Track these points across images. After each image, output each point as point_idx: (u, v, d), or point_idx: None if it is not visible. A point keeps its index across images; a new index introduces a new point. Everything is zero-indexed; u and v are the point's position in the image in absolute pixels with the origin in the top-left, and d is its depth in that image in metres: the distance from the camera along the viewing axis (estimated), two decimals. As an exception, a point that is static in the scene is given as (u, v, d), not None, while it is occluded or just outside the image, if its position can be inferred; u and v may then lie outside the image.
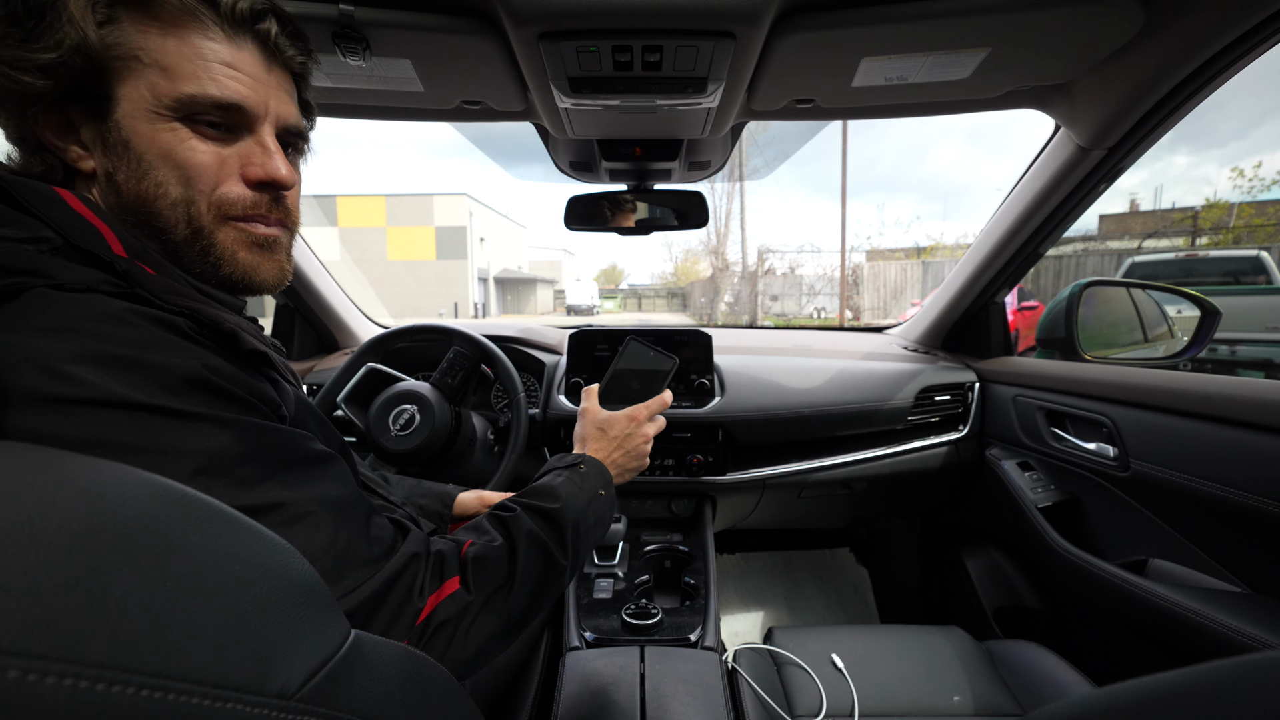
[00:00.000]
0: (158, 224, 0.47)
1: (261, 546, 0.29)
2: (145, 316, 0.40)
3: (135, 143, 0.45)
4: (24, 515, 0.20)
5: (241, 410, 0.43)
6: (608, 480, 0.71)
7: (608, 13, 0.65)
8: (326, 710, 0.27)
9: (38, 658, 0.18)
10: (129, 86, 0.44)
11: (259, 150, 0.49)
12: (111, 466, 0.25)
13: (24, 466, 0.22)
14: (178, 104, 0.44)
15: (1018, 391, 1.32)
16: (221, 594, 0.25)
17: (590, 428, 0.77)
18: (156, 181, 0.45)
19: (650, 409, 0.78)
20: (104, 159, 0.45)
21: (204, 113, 0.46)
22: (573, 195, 1.26)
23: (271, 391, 0.47)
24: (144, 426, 0.38)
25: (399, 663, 0.35)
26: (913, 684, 0.94)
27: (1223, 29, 0.71)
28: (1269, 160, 36.08)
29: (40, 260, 0.39)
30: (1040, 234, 1.18)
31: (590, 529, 0.65)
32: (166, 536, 0.24)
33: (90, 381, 0.37)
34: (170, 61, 0.44)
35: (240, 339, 0.46)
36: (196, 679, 0.22)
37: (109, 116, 0.44)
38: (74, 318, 0.38)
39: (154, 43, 0.44)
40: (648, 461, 0.78)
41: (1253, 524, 0.84)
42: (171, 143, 0.45)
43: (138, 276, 0.42)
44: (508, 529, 0.58)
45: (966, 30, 0.70)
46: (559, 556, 0.59)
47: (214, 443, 0.40)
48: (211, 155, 0.47)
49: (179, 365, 0.40)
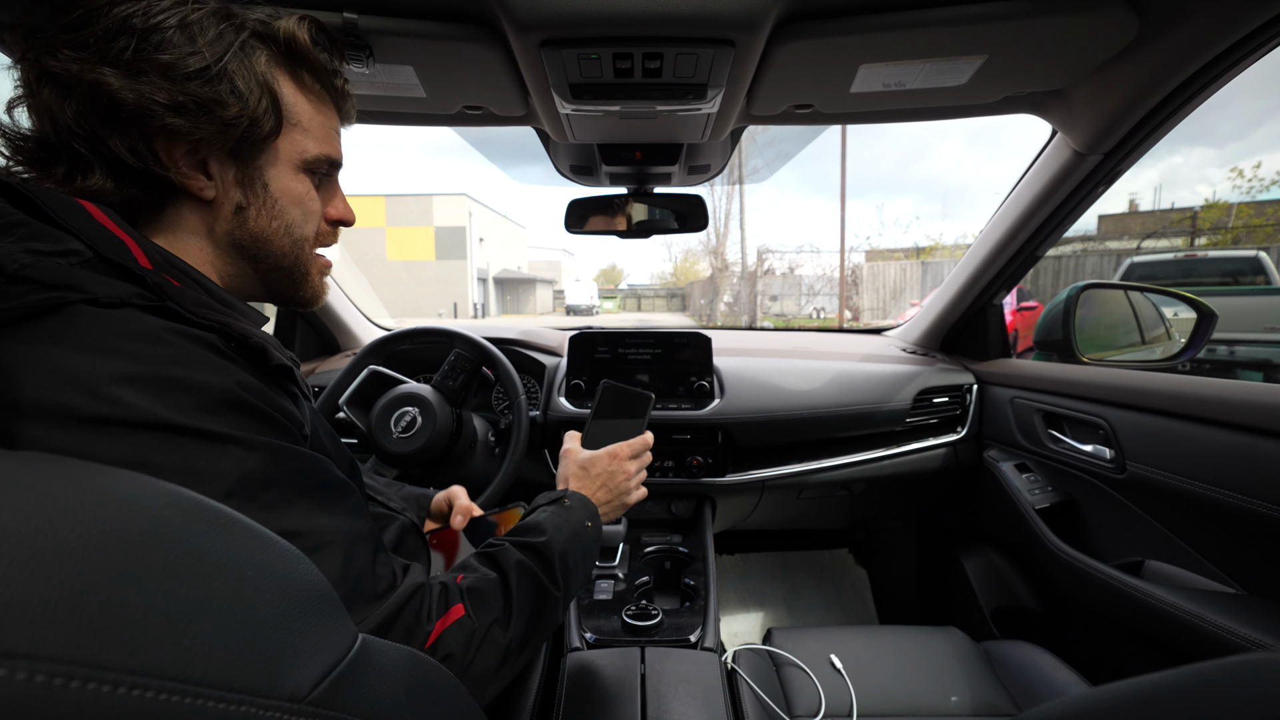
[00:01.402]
0: (270, 251, 0.53)
1: (272, 553, 0.29)
2: (180, 334, 0.42)
3: (274, 187, 0.52)
4: (46, 523, 0.21)
5: (271, 431, 0.44)
6: (593, 513, 0.71)
7: (609, 21, 0.66)
8: (336, 713, 0.28)
9: (62, 662, 0.18)
10: (284, 141, 0.51)
11: (339, 196, 0.59)
12: (127, 475, 0.26)
13: (43, 476, 0.23)
14: (315, 161, 0.54)
15: (1016, 393, 1.32)
16: (235, 600, 0.25)
17: (572, 467, 0.77)
18: (288, 221, 0.53)
19: (632, 447, 0.79)
20: (239, 194, 0.50)
21: (322, 169, 0.55)
22: (573, 198, 1.27)
23: (295, 409, 0.49)
24: (179, 448, 0.39)
25: (405, 666, 0.36)
26: (911, 684, 0.95)
27: (1217, 36, 0.71)
28: (1268, 160, 36.14)
29: (74, 274, 0.39)
30: (1038, 237, 1.19)
31: (579, 561, 0.66)
32: (181, 543, 0.25)
33: (129, 403, 0.38)
34: (314, 127, 0.53)
35: (269, 354, 0.47)
36: (212, 683, 0.22)
37: (254, 160, 0.50)
38: (112, 336, 0.39)
39: (302, 107, 0.52)
40: (633, 499, 0.79)
41: (1247, 526, 0.84)
42: (301, 192, 0.54)
43: (166, 289, 0.43)
44: (497, 563, 0.59)
45: (963, 38, 0.71)
46: (551, 587, 0.60)
47: (245, 465, 0.41)
48: (319, 203, 0.56)
49: (214, 385, 0.41)
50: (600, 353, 1.34)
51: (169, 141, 0.46)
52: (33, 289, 0.37)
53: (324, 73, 0.54)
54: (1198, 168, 77.14)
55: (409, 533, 0.72)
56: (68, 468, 0.24)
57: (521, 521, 0.67)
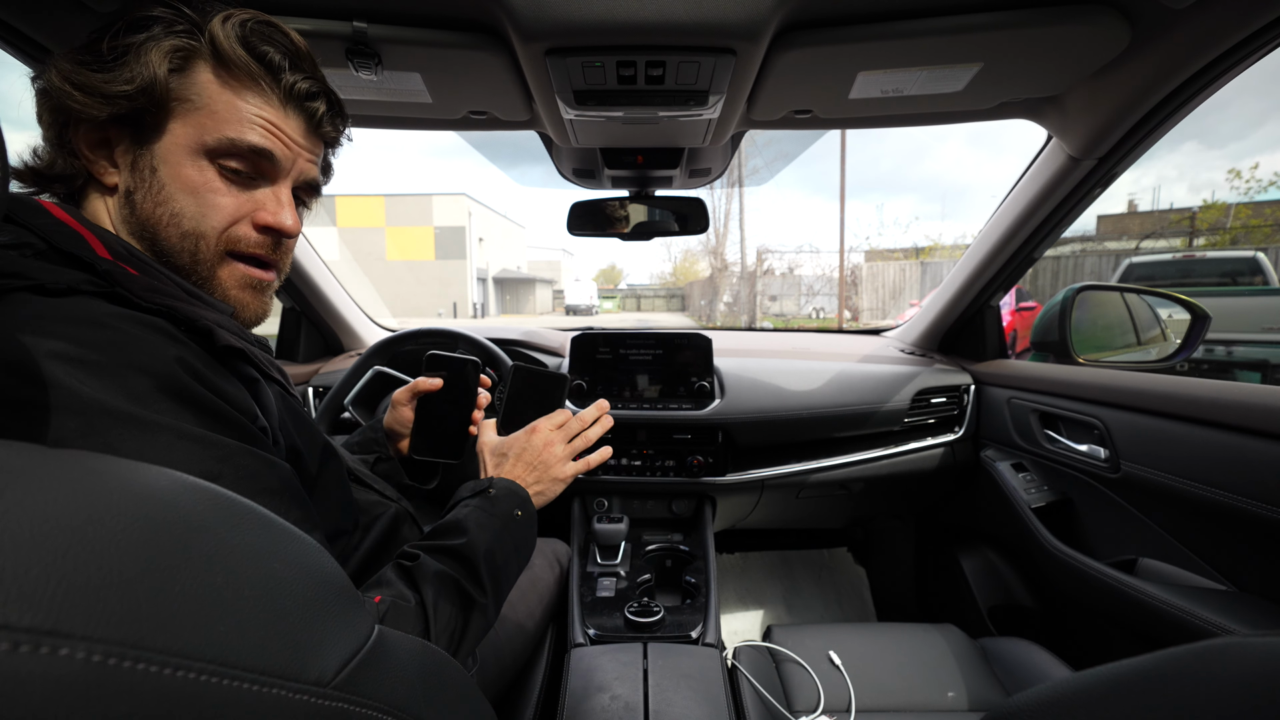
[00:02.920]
0: (162, 245, 0.50)
1: (296, 546, 0.31)
2: (124, 318, 0.42)
3: (163, 172, 0.49)
4: (92, 516, 0.22)
5: (209, 423, 0.43)
6: (523, 499, 0.68)
7: (613, 30, 0.68)
8: (357, 698, 0.29)
9: (115, 644, 0.20)
10: (178, 123, 0.49)
11: (273, 200, 0.54)
12: (160, 471, 0.27)
13: (86, 472, 0.24)
14: (217, 145, 0.49)
15: (1012, 394, 1.34)
16: (264, 589, 0.27)
17: (489, 456, 0.74)
18: (173, 211, 0.49)
19: (552, 420, 0.75)
20: (129, 178, 0.49)
21: (235, 158, 0.50)
22: (575, 201, 1.28)
23: (246, 397, 0.48)
24: (103, 434, 0.38)
25: (418, 655, 0.38)
26: (908, 680, 0.96)
27: (1208, 45, 0.73)
28: (1266, 161, 36.10)
29: (22, 264, 0.40)
30: (1034, 240, 1.21)
31: (510, 556, 0.62)
32: (214, 536, 0.26)
33: (59, 383, 0.37)
34: (221, 110, 0.49)
35: (215, 335, 0.47)
36: (246, 666, 0.24)
37: (148, 144, 0.49)
38: (51, 320, 0.39)
39: (213, 92, 0.49)
40: (565, 473, 0.74)
41: (1238, 524, 0.86)
42: (197, 179, 0.49)
43: (119, 277, 0.44)
44: (413, 579, 0.55)
45: (959, 46, 0.73)
46: (475, 594, 0.57)
47: (170, 455, 0.40)
48: (230, 198, 0.51)
49: (150, 369, 0.41)
50: (601, 353, 1.36)
51: (77, 125, 0.48)
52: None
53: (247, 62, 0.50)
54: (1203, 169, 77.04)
55: (403, 521, 0.71)
56: (103, 463, 0.25)
57: (441, 521, 0.63)
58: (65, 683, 0.18)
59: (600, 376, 1.35)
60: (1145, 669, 0.24)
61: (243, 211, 0.52)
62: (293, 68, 0.53)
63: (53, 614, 0.19)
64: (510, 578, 0.63)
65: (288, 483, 0.48)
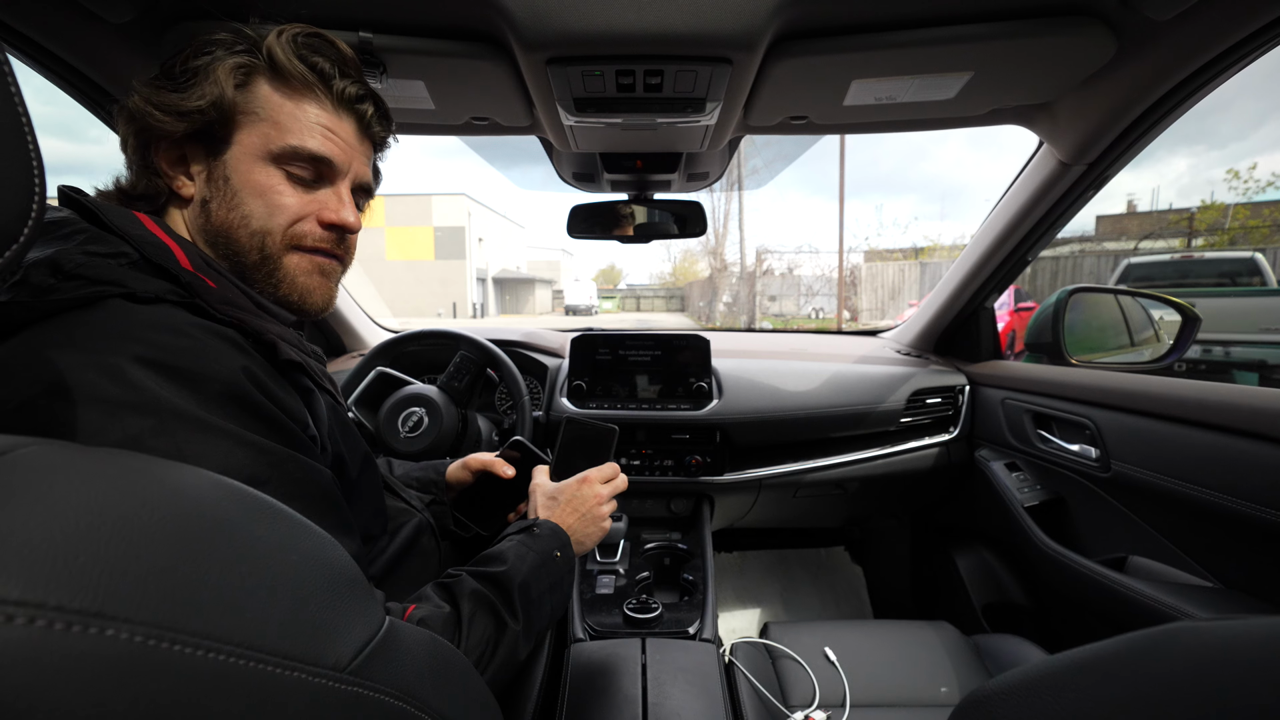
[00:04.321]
0: (234, 247, 0.55)
1: (314, 540, 0.33)
2: (201, 328, 0.46)
3: (235, 179, 0.54)
4: (131, 511, 0.24)
5: (266, 429, 0.47)
6: (564, 543, 0.71)
7: (612, 40, 0.70)
8: (370, 683, 0.31)
9: (154, 626, 0.22)
10: (245, 134, 0.54)
11: (335, 199, 0.59)
12: (191, 470, 0.29)
13: (125, 470, 0.26)
14: (281, 152, 0.54)
15: (1006, 394, 1.36)
16: (285, 579, 0.29)
17: (541, 499, 0.77)
18: (243, 213, 0.54)
19: (602, 473, 0.79)
20: (204, 188, 0.54)
21: (298, 163, 0.55)
22: (575, 204, 1.30)
23: (300, 407, 0.52)
24: (172, 435, 0.41)
25: (426, 646, 0.39)
26: (902, 675, 0.98)
27: (1193, 55, 0.75)
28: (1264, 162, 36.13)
29: (118, 272, 0.44)
30: (1027, 243, 1.23)
31: (545, 592, 0.64)
32: (239, 530, 0.28)
33: (140, 385, 0.41)
34: (284, 119, 0.54)
35: (279, 349, 0.51)
36: (270, 650, 0.26)
37: (219, 156, 0.54)
38: (139, 326, 0.43)
39: (275, 103, 0.54)
40: (607, 525, 0.78)
41: (1223, 523, 0.88)
42: (265, 183, 0.54)
43: (198, 288, 0.48)
44: (451, 594, 0.58)
45: (949, 56, 0.74)
46: (509, 619, 0.59)
47: (230, 460, 0.43)
48: (294, 198, 0.56)
49: (219, 377, 0.44)
50: (601, 354, 1.38)
51: (158, 143, 0.53)
52: (81, 284, 0.42)
53: (305, 72, 0.55)
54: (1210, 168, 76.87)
55: (424, 531, 0.74)
56: (143, 462, 0.27)
57: (484, 551, 0.67)
58: (110, 660, 0.20)
59: (600, 377, 1.36)
60: (1107, 651, 0.26)
61: (307, 210, 0.57)
62: (341, 74, 0.58)
63: (99, 598, 0.21)
64: (544, 614, 0.65)
65: (328, 489, 0.51)
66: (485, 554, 0.66)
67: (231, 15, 0.60)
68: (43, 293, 0.41)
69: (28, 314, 0.41)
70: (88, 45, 0.74)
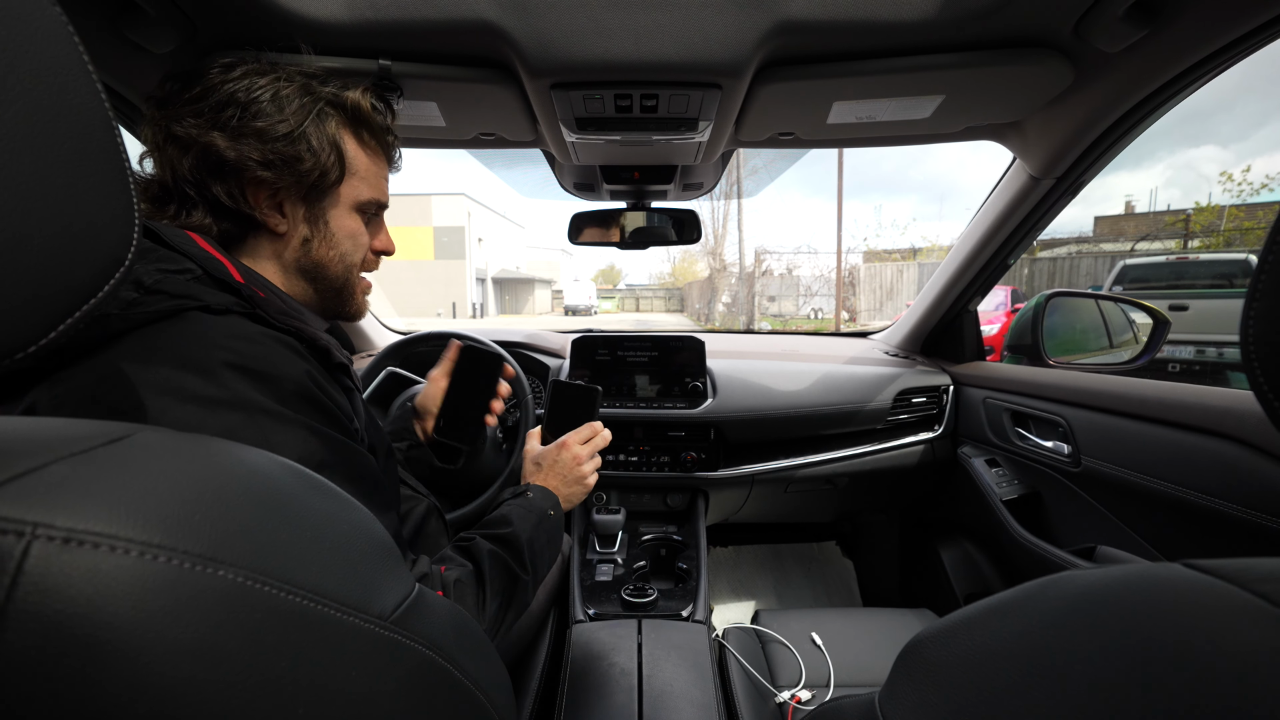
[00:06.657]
0: (327, 275, 0.65)
1: (357, 514, 0.39)
2: (269, 336, 0.52)
3: (333, 224, 0.63)
4: (222, 483, 0.30)
5: (328, 422, 0.54)
6: (554, 502, 0.80)
7: (611, 68, 0.76)
8: (408, 633, 0.37)
9: (251, 569, 0.28)
10: (344, 187, 0.63)
11: (383, 231, 0.71)
12: (259, 452, 0.35)
13: (212, 452, 0.32)
14: (366, 204, 0.66)
15: (987, 394, 1.42)
16: (338, 541, 0.35)
17: (529, 465, 0.87)
18: (342, 251, 0.65)
19: (580, 434, 0.87)
20: (305, 229, 0.62)
21: (371, 209, 0.67)
22: (576, 212, 1.36)
23: (347, 403, 0.58)
24: (260, 425, 0.48)
25: (449, 610, 0.46)
26: (884, 659, 1.04)
27: (1145, 81, 0.81)
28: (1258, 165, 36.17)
29: (192, 287, 0.50)
30: (1004, 249, 1.29)
31: (545, 546, 0.74)
32: (301, 501, 0.34)
33: (232, 386, 0.47)
34: (370, 177, 0.65)
35: (331, 353, 0.58)
36: (332, 596, 0.32)
37: (320, 203, 0.62)
38: (220, 335, 0.49)
39: (363, 162, 0.65)
40: (590, 481, 0.86)
41: (1180, 513, 0.94)
42: (354, 227, 0.65)
43: (257, 300, 0.54)
44: (471, 555, 0.67)
45: (922, 81, 0.81)
46: (520, 572, 0.68)
47: (306, 447, 0.50)
48: (366, 236, 0.68)
49: (291, 378, 0.51)
50: (600, 354, 1.44)
51: (256, 188, 0.58)
52: (163, 298, 0.48)
53: (380, 131, 0.66)
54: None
55: (432, 514, 0.81)
56: (223, 445, 0.33)
57: (488, 516, 0.76)
58: (221, 594, 0.26)
59: (599, 377, 1.43)
60: (1009, 595, 0.32)
61: (368, 243, 0.68)
62: (390, 130, 0.68)
63: (212, 545, 0.27)
64: (545, 564, 0.75)
65: (374, 474, 0.59)
66: (490, 518, 0.75)
67: (267, 46, 0.66)
68: (129, 306, 0.46)
69: (123, 325, 0.47)
70: (129, 72, 0.80)
